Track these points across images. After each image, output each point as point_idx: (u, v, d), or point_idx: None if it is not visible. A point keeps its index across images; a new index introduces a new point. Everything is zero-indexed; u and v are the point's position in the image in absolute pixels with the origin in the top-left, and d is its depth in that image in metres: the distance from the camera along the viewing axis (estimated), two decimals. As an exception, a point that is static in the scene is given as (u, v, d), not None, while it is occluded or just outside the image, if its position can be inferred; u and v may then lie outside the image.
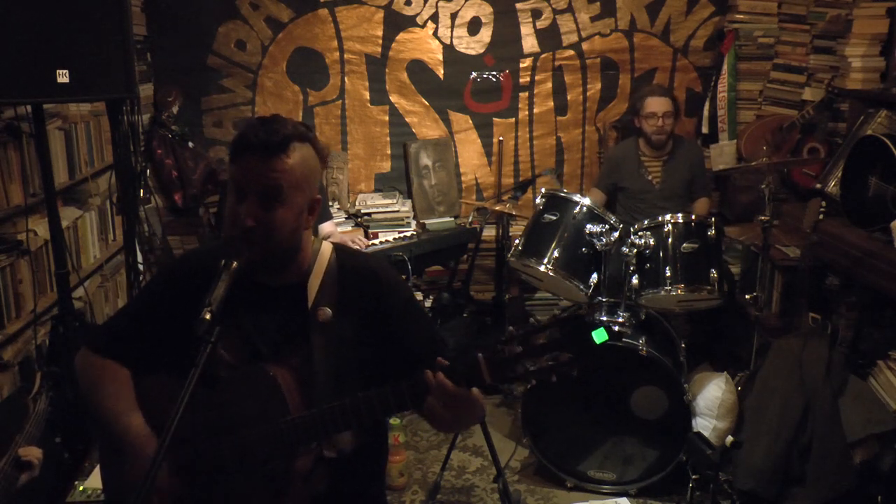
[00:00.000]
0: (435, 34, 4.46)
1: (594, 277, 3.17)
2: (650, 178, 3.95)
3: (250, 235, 1.50)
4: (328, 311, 1.60)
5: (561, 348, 1.38)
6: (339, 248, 1.71)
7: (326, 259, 1.66)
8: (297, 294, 1.61)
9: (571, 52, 4.53)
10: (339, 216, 4.28)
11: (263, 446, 1.50)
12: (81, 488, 2.41)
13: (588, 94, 4.59)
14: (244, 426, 1.52)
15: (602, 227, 3.14)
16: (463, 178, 4.67)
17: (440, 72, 4.51)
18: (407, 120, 4.57)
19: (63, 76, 2.45)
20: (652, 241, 3.16)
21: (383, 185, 4.62)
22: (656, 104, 3.84)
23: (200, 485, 1.55)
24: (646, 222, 3.24)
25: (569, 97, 4.60)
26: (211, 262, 1.54)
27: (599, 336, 1.37)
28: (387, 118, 4.56)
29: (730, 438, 2.88)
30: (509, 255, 3.37)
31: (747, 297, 3.34)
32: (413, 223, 4.34)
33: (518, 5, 4.44)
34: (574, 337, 1.37)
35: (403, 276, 3.93)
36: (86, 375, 1.69)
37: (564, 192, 3.34)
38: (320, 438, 1.52)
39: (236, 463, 1.52)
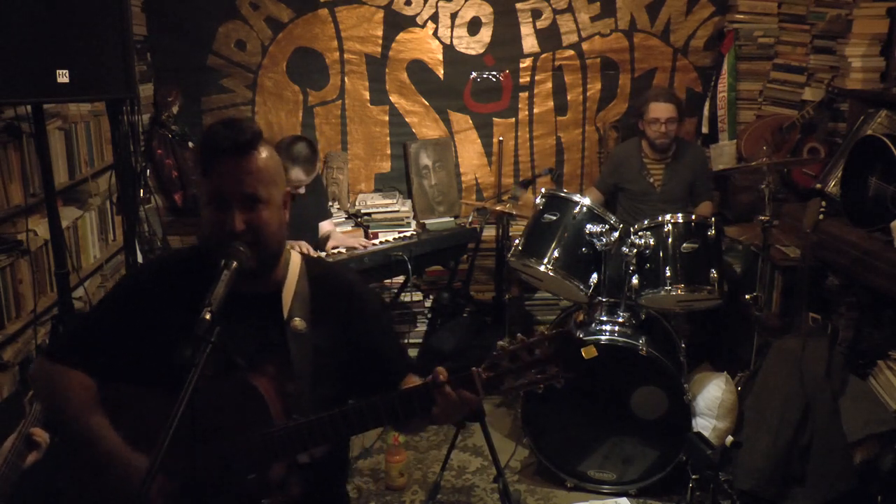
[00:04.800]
0: (435, 34, 4.46)
1: (594, 277, 3.17)
2: (651, 180, 3.95)
3: (241, 240, 1.49)
4: (301, 321, 1.60)
5: (550, 363, 1.45)
6: (307, 259, 1.72)
7: (297, 269, 1.66)
8: (272, 303, 1.61)
9: (571, 52, 4.53)
10: (338, 216, 4.28)
11: (248, 457, 1.49)
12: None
13: (588, 94, 4.59)
14: (225, 436, 1.50)
15: (602, 227, 3.14)
16: (463, 178, 4.67)
17: (440, 72, 4.51)
18: (407, 120, 4.56)
19: (63, 76, 2.44)
20: (652, 241, 3.16)
21: (383, 185, 4.62)
22: (660, 110, 3.83)
23: (177, 496, 1.52)
24: (646, 222, 3.24)
25: (569, 97, 4.60)
26: (173, 269, 1.56)
27: (588, 352, 1.46)
28: (387, 118, 4.56)
29: (730, 438, 2.88)
30: (509, 255, 3.37)
31: (747, 297, 3.34)
32: (413, 223, 4.34)
33: (518, 5, 4.44)
34: (564, 353, 1.43)
35: (403, 277, 3.94)
36: (46, 385, 1.63)
37: (564, 192, 3.34)
38: (306, 448, 1.51)
39: (216, 474, 1.50)
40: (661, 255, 3.14)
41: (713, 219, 3.22)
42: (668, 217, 3.20)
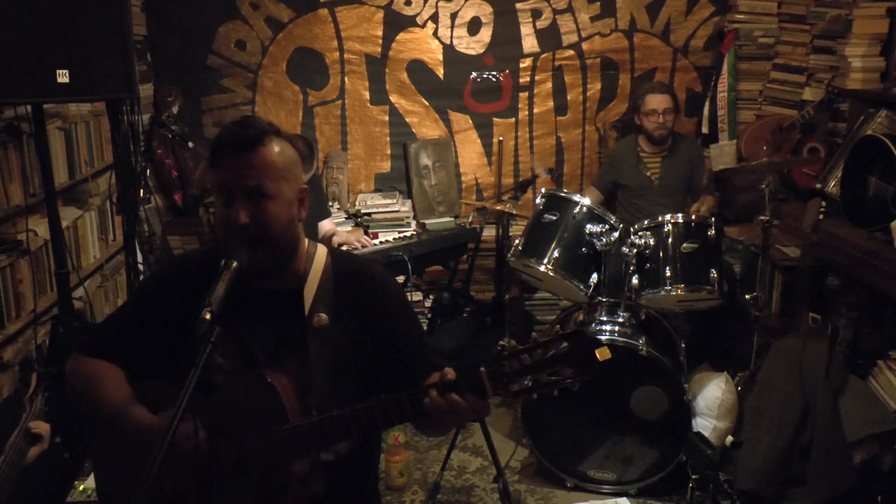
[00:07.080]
0: (435, 34, 4.46)
1: (594, 277, 3.17)
2: (649, 174, 3.96)
3: (247, 234, 1.50)
4: (324, 316, 1.59)
5: (563, 364, 1.37)
6: (335, 252, 1.71)
7: (322, 263, 1.66)
8: (294, 299, 1.61)
9: (571, 52, 4.53)
10: (338, 216, 4.28)
11: (262, 453, 1.49)
12: (81, 488, 2.41)
13: (588, 94, 4.59)
14: (241, 432, 1.51)
15: (602, 227, 3.15)
16: (463, 178, 4.67)
17: (440, 72, 4.51)
18: (407, 120, 4.56)
19: (63, 76, 2.45)
20: (652, 241, 3.16)
21: (383, 185, 4.62)
22: (656, 101, 3.86)
23: (196, 489, 1.52)
24: (646, 222, 3.25)
25: (569, 97, 4.60)
26: (203, 266, 1.55)
27: (602, 353, 1.36)
28: (387, 118, 4.56)
29: (730, 438, 2.88)
30: (509, 255, 3.37)
31: (747, 297, 3.34)
32: (413, 223, 4.34)
33: (518, 5, 4.44)
34: (577, 353, 1.37)
35: (403, 277, 3.93)
36: (77, 376, 1.67)
37: (564, 192, 3.34)
38: (320, 447, 1.51)
39: (233, 469, 1.51)
40: (661, 255, 3.15)
41: (713, 219, 3.22)
42: (667, 217, 3.21)
